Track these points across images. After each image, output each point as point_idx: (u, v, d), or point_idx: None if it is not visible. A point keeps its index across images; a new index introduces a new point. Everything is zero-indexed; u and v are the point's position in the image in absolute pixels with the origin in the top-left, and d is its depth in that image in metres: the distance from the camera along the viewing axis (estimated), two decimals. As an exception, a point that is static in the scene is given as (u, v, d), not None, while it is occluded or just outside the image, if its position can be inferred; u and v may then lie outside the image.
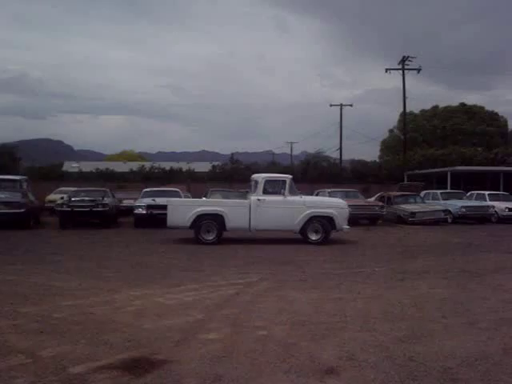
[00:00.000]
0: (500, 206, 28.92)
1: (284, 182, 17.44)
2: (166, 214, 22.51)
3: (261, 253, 14.79)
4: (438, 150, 50.33)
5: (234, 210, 17.26)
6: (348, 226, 17.64)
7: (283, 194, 17.13)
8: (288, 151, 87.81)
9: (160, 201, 23.17)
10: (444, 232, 23.02)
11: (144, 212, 22.92)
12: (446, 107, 63.92)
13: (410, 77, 47.05)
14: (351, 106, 61.91)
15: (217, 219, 17.11)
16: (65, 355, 5.64)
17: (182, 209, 17.61)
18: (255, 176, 18.37)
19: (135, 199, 25.61)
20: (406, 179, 42.22)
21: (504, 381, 5.06)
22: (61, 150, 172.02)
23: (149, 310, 7.82)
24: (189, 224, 17.18)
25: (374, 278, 10.76)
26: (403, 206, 27.03)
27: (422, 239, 19.25)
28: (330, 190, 28.26)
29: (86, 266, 12.06)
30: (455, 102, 65.13)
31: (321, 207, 17.43)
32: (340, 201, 18.69)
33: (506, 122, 64.23)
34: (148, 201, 23.42)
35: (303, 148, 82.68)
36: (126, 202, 28.10)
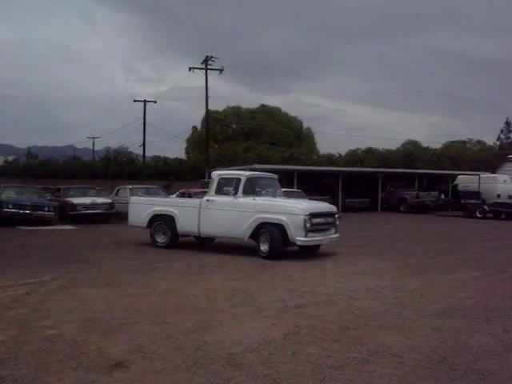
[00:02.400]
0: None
1: (238, 180, 14.47)
2: None
3: (55, 252, 14.32)
4: (239, 148, 52.28)
5: (184, 211, 15.25)
6: (307, 238, 13.31)
7: (234, 195, 14.22)
8: (90, 146, 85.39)
9: None
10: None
11: None
12: (248, 108, 66.56)
13: (214, 77, 48.38)
14: (155, 102, 61.84)
15: (169, 221, 15.40)
16: None
17: (141, 208, 16.19)
18: (212, 173, 15.96)
19: None
20: (207, 176, 43.19)
21: (284, 362, 5.46)
22: None
23: None
24: (145, 224, 15.92)
25: (171, 273, 10.95)
26: (204, 203, 27.62)
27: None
28: (130, 187, 28.01)
29: None
30: (256, 104, 68.20)
31: (271, 212, 13.70)
32: (298, 205, 14.17)
33: (301, 123, 68.54)
34: None
35: (106, 143, 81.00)
36: None
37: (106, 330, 6.53)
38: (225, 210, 14.31)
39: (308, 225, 13.09)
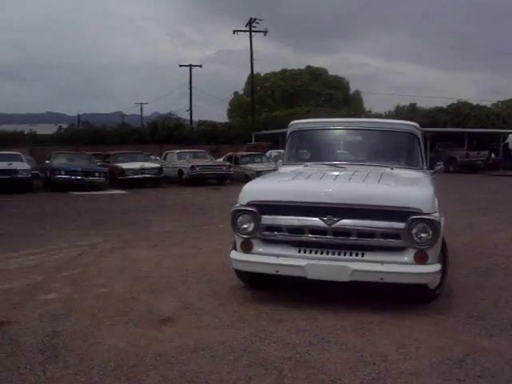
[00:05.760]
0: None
1: (283, 136, 9.03)
2: (6, 179, 21.69)
3: (106, 215, 14.77)
4: (283, 111, 52.16)
5: None
6: (245, 257, 6.31)
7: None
8: (138, 112, 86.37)
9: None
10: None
11: (-18, 177, 21.71)
12: (292, 70, 66.11)
13: (258, 39, 48.18)
14: (200, 66, 62.18)
15: None
16: None
17: None
18: None
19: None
20: (253, 139, 43.35)
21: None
22: None
23: (-13, 275, 7.66)
24: None
25: (217, 235, 11.15)
26: (249, 166, 27.89)
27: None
28: (178, 151, 28.46)
29: None
30: (302, 65, 67.66)
31: None
32: (255, 184, 6.99)
33: (348, 84, 67.86)
34: (-15, 166, 22.19)
35: (154, 109, 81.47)
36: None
37: (155, 288, 6.80)
38: None
39: (244, 226, 6.29)
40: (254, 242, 6.25)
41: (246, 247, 6.29)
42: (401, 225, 5.73)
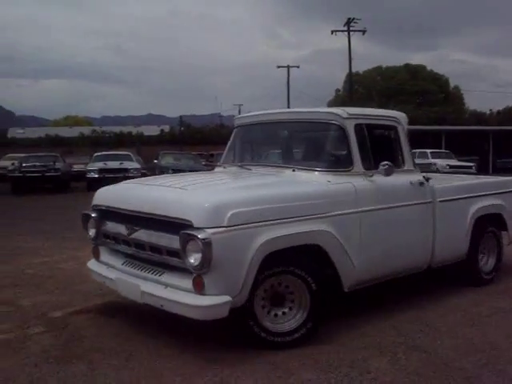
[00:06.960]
0: (441, 163, 30.16)
1: None
2: (118, 178, 23.05)
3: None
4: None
5: None
6: (99, 267, 5.78)
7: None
8: (236, 113, 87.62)
9: (111, 164, 23.61)
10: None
11: (96, 176, 23.24)
12: (389, 67, 65.36)
13: (355, 38, 47.95)
14: (298, 67, 62.32)
15: None
16: (43, 303, 6.20)
17: None
18: None
19: (85, 164, 25.90)
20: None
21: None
22: (1, 115, 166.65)
23: (114, 264, 8.39)
24: None
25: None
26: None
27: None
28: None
29: (47, 228, 12.48)
30: (400, 63, 66.69)
31: None
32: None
33: (447, 81, 66.14)
34: (100, 165, 23.79)
35: (250, 110, 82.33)
36: (76, 167, 28.32)
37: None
38: None
39: (89, 232, 5.80)
40: (101, 249, 5.78)
41: (95, 254, 5.84)
42: (176, 239, 4.54)
